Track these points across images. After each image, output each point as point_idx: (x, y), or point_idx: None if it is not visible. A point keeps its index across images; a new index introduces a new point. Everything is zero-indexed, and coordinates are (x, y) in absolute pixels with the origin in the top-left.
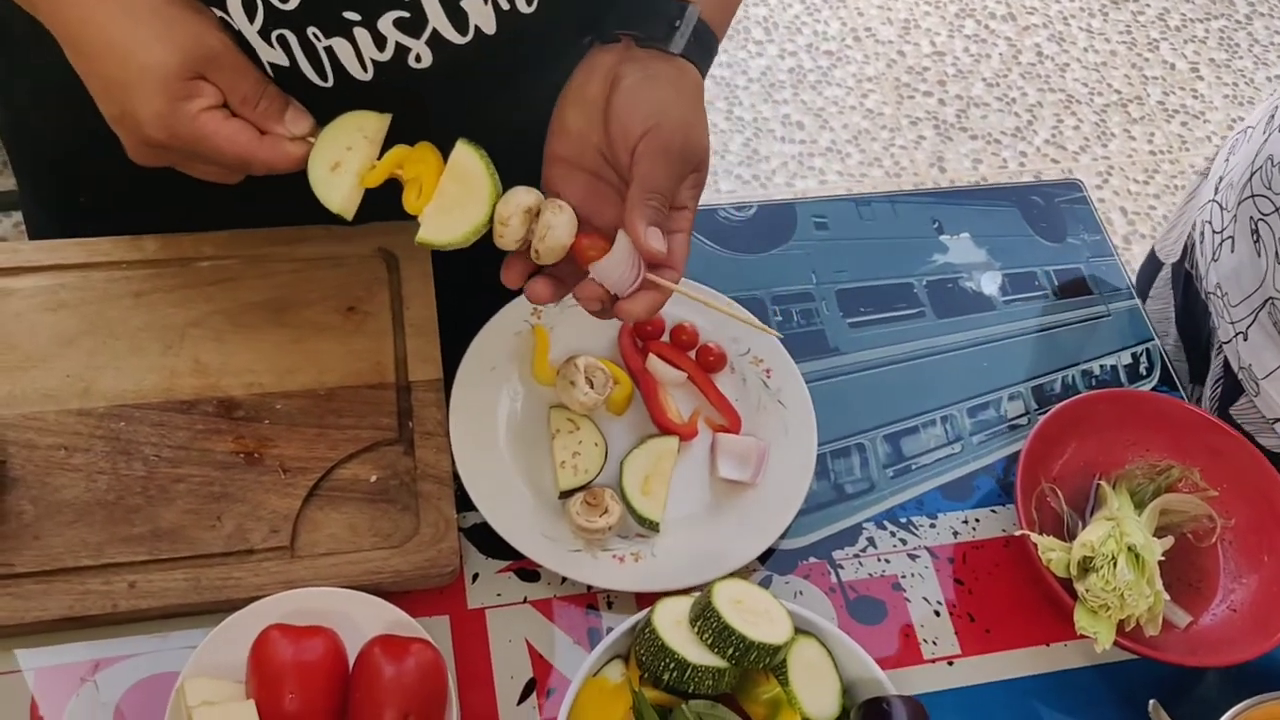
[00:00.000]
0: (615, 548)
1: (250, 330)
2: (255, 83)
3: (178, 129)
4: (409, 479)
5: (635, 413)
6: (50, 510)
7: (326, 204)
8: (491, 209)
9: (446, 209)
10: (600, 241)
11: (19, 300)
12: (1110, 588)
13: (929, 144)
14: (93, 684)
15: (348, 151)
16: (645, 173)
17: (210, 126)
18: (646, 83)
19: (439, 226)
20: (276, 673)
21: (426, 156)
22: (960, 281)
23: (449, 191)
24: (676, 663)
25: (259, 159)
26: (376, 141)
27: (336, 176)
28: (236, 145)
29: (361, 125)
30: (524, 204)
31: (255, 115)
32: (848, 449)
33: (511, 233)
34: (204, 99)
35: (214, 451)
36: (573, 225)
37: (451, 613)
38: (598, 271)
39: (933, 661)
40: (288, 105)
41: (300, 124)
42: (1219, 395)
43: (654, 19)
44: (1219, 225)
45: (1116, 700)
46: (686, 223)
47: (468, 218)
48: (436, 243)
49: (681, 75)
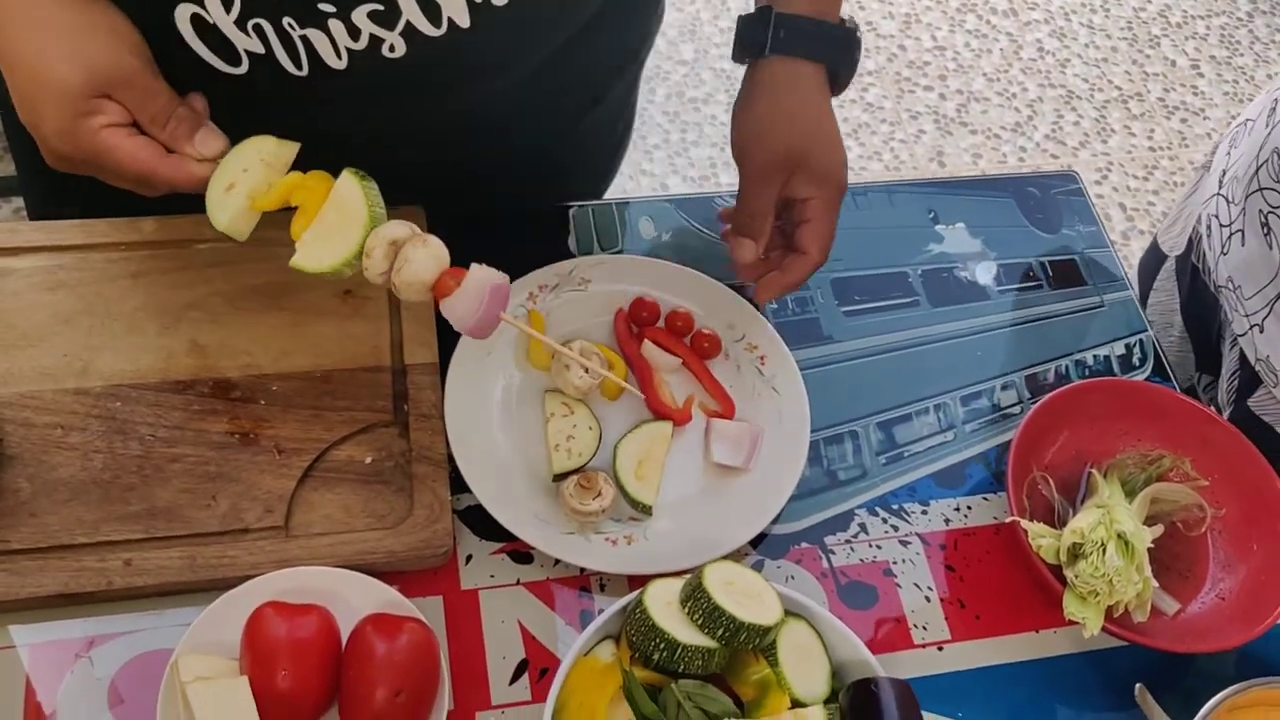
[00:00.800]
0: (608, 531)
1: (247, 313)
2: (165, 104)
3: (80, 143)
4: (404, 461)
5: (629, 397)
6: (46, 488)
7: (214, 223)
8: (363, 241)
9: (323, 237)
10: (458, 280)
11: (18, 280)
12: (1099, 574)
13: (929, 138)
14: (87, 660)
15: (244, 173)
16: (740, 190)
17: (111, 142)
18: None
19: (312, 254)
20: (270, 650)
21: (317, 185)
22: (955, 271)
23: (328, 220)
24: (667, 643)
25: (160, 175)
26: (276, 166)
27: (229, 197)
28: (137, 161)
29: (261, 150)
30: (389, 237)
31: (164, 135)
32: (841, 436)
33: (375, 265)
34: (106, 116)
35: (209, 432)
36: (437, 262)
37: (445, 593)
38: (445, 309)
39: (923, 647)
40: (199, 127)
41: (210, 145)
42: (1236, 388)
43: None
44: (1226, 219)
45: (1104, 686)
46: (812, 211)
47: (339, 248)
48: (308, 269)
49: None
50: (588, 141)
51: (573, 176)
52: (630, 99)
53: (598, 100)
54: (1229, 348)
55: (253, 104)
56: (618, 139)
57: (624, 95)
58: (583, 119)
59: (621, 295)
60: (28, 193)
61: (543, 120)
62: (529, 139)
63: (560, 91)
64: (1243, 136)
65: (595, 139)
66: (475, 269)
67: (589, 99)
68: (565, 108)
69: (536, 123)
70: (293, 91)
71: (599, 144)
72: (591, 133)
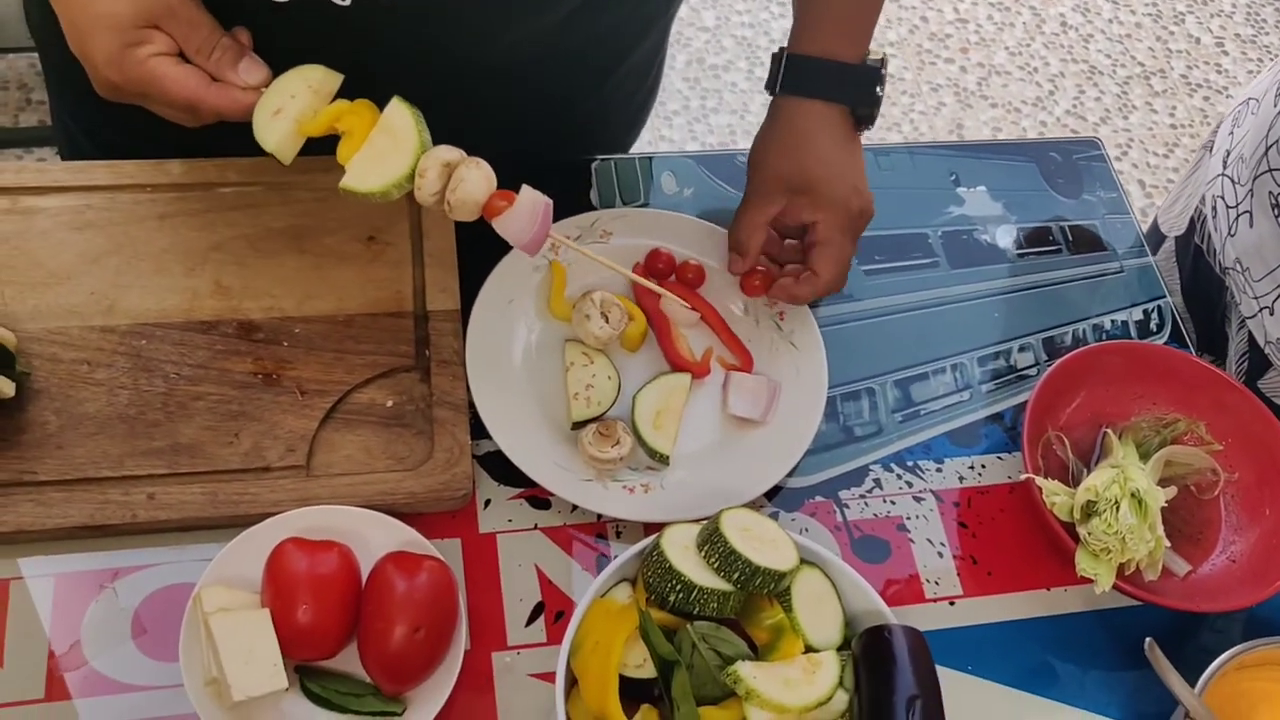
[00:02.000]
0: (625, 479)
1: (271, 255)
2: (209, 34)
3: (128, 72)
4: (424, 405)
5: (649, 349)
6: (72, 422)
7: (262, 144)
8: (415, 162)
9: (372, 160)
10: (510, 200)
11: (46, 219)
12: (1112, 531)
13: (949, 110)
14: (112, 591)
15: (291, 99)
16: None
17: (159, 70)
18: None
19: (362, 175)
20: (291, 584)
21: (363, 111)
22: (975, 234)
23: (377, 144)
24: (683, 585)
25: (207, 103)
26: (322, 94)
27: (276, 120)
28: (185, 89)
29: (309, 77)
30: (443, 158)
31: (209, 64)
32: (858, 392)
33: (428, 185)
34: (155, 45)
35: (233, 371)
36: (489, 181)
37: (463, 536)
38: (499, 226)
39: (934, 601)
40: (242, 57)
41: (254, 74)
42: (1245, 370)
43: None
44: (1232, 200)
45: (1113, 644)
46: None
47: (391, 169)
48: (358, 190)
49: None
50: (616, 96)
51: (598, 131)
52: (658, 57)
53: (628, 53)
54: (1235, 330)
55: (295, 39)
56: (644, 96)
57: (652, 52)
58: (613, 73)
59: (642, 248)
60: (59, 121)
61: (574, 71)
62: (560, 89)
63: (592, 42)
64: (1246, 116)
65: (623, 94)
66: (525, 190)
67: (620, 52)
68: (596, 60)
69: (568, 73)
70: (335, 26)
71: (626, 99)
72: (620, 88)
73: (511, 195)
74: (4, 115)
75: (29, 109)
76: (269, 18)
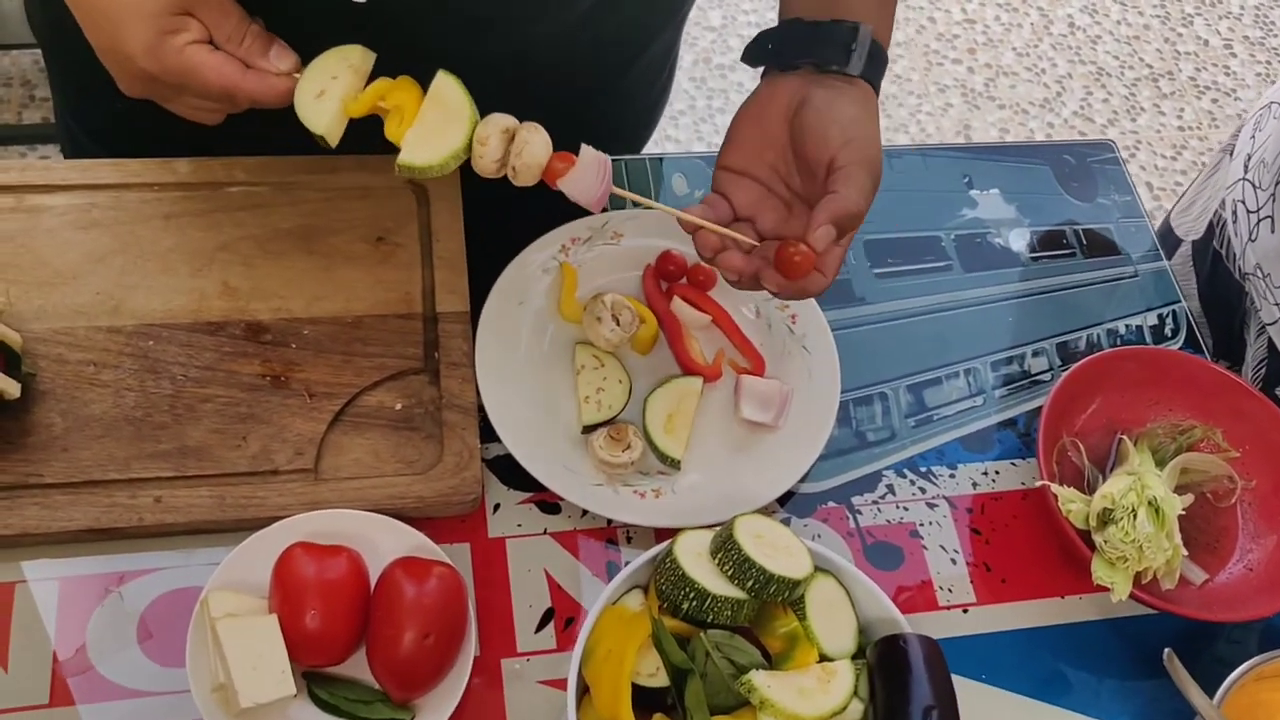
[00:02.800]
0: (636, 484)
1: (279, 256)
2: (239, 21)
3: (166, 61)
4: (434, 408)
5: (660, 352)
6: (79, 424)
7: (311, 128)
8: (471, 133)
9: (427, 135)
10: (569, 161)
11: (52, 217)
12: (1129, 539)
13: (956, 111)
14: (118, 595)
15: (333, 80)
16: (848, 181)
17: (197, 58)
18: (837, 100)
19: (419, 150)
20: (299, 589)
21: (408, 87)
22: (989, 237)
23: (429, 118)
24: (696, 592)
25: (244, 90)
26: (362, 73)
27: (321, 102)
28: (223, 77)
29: (348, 56)
30: (501, 125)
31: (241, 51)
32: (870, 397)
33: (490, 153)
34: (190, 33)
35: (240, 373)
36: (547, 145)
37: (472, 541)
38: (565, 186)
39: (948, 609)
40: (272, 43)
41: (284, 60)
42: (1263, 376)
43: (831, 44)
44: (1254, 204)
45: (1129, 653)
46: (849, 239)
47: (448, 141)
48: (416, 165)
49: (866, 97)
50: (631, 93)
51: (612, 129)
52: (671, 54)
53: (644, 49)
54: (1255, 336)
55: (310, 35)
56: (657, 94)
57: (666, 49)
58: (629, 69)
59: (653, 250)
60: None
61: (591, 67)
62: (576, 85)
63: (610, 37)
64: (1268, 120)
65: (638, 91)
66: (585, 149)
67: (636, 47)
68: (610, 58)
69: (585, 69)
70: (349, 20)
71: (640, 97)
72: (635, 85)
73: (571, 157)
74: (8, 112)
75: (32, 106)
76: (283, 14)
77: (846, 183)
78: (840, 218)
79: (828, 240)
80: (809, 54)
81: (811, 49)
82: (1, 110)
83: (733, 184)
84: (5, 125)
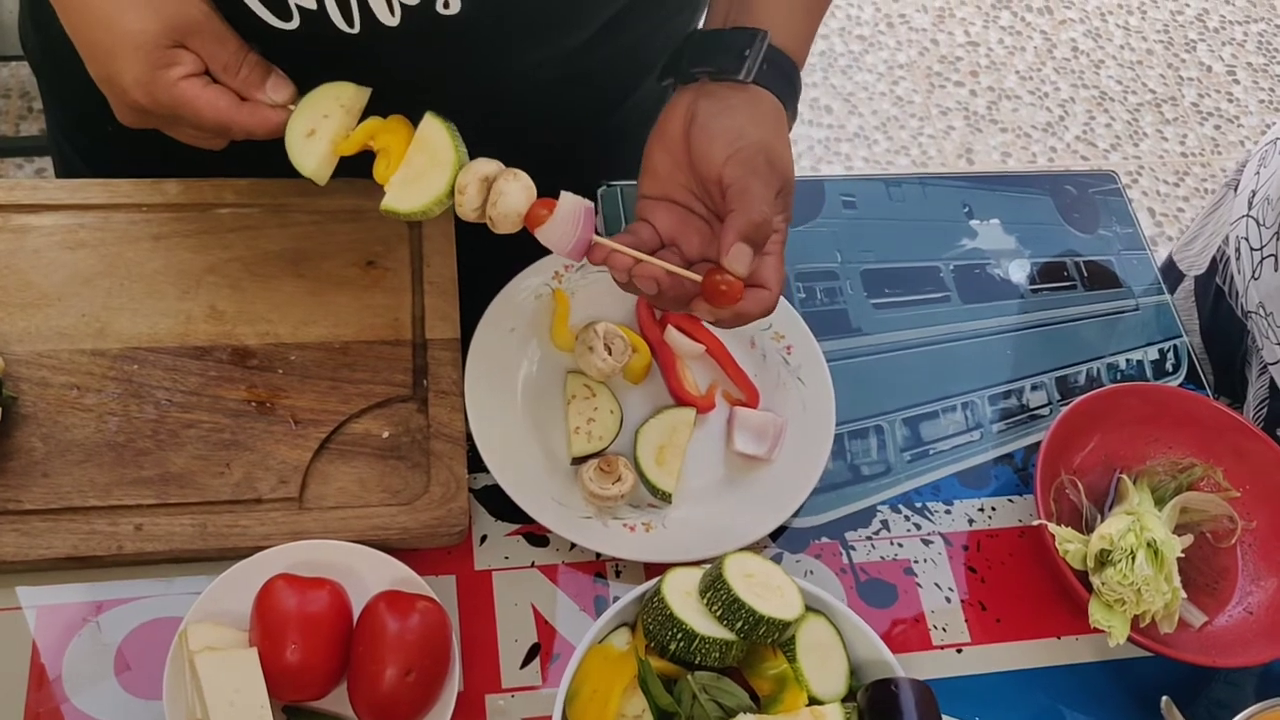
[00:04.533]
0: (626, 517)
1: (267, 279)
2: (236, 51)
3: (158, 95)
4: (421, 437)
5: (652, 383)
6: (60, 449)
7: (300, 168)
8: (453, 179)
9: (412, 179)
10: (551, 208)
11: (38, 237)
12: (1127, 582)
13: (958, 134)
14: (95, 625)
15: (324, 119)
16: (743, 194)
17: (190, 93)
18: (722, 113)
19: (403, 195)
20: (280, 622)
21: (398, 128)
22: (988, 268)
23: (415, 162)
24: (684, 633)
25: (238, 124)
26: (354, 112)
27: (311, 142)
28: (216, 110)
29: (339, 95)
30: (481, 173)
31: (237, 83)
32: (866, 430)
33: (469, 201)
34: (184, 66)
35: (226, 399)
36: (528, 192)
37: (458, 573)
38: (542, 235)
39: (941, 648)
40: (269, 74)
41: (281, 92)
42: (1264, 416)
43: (724, 52)
44: (1257, 242)
45: (1126, 697)
46: (777, 245)
47: (431, 187)
48: (400, 211)
49: (757, 102)
50: (630, 121)
51: (611, 156)
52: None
53: (643, 77)
54: (1256, 374)
55: (302, 63)
56: None
57: None
58: (628, 98)
59: None
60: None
61: (591, 94)
62: (575, 113)
63: (612, 64)
64: (1273, 155)
65: (636, 119)
66: (565, 196)
67: (636, 75)
68: (613, 83)
69: (585, 96)
70: (344, 50)
71: (639, 126)
72: (634, 112)
73: (552, 203)
74: (5, 123)
75: (30, 118)
76: (274, 43)
77: (741, 197)
78: (747, 232)
79: (745, 259)
80: (704, 62)
81: (706, 57)
82: None
83: (653, 210)
84: (2, 137)
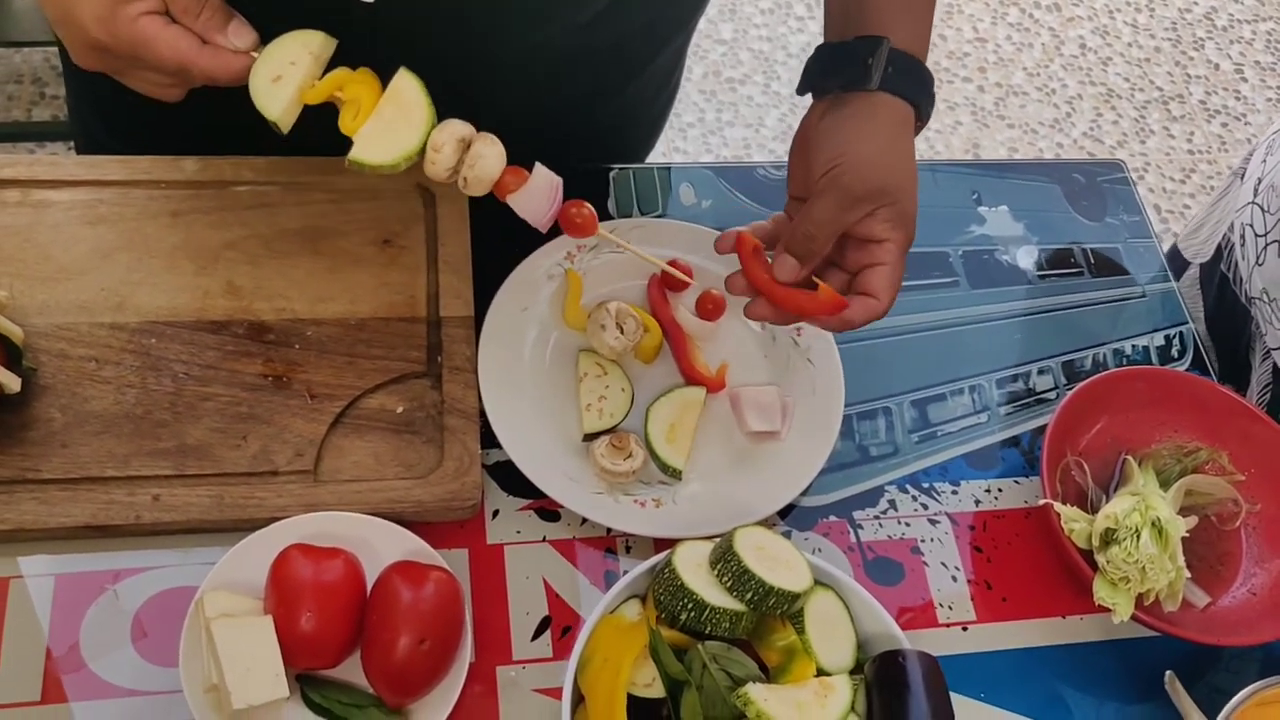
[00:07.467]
0: (637, 493)
1: (284, 256)
2: None
3: (118, 31)
4: (435, 412)
5: (664, 362)
6: (79, 420)
7: (264, 112)
8: (426, 136)
9: (381, 132)
10: (521, 177)
11: (58, 212)
12: (1132, 560)
13: (965, 130)
14: (113, 593)
15: (291, 66)
16: (807, 207)
17: (151, 30)
18: (835, 127)
19: (371, 148)
20: (295, 591)
21: (367, 80)
22: (996, 254)
23: (386, 115)
24: (695, 603)
25: (199, 66)
26: (321, 60)
27: (277, 88)
28: (177, 51)
29: (307, 43)
30: (458, 133)
31: (197, 25)
32: (874, 411)
33: (444, 160)
34: (144, 3)
35: (242, 373)
36: (501, 159)
37: (470, 546)
38: (514, 202)
39: (947, 626)
40: (231, 18)
41: (243, 37)
42: (1268, 401)
43: (852, 64)
44: (1262, 228)
45: (1130, 675)
46: (887, 254)
47: (401, 142)
48: (367, 163)
49: (874, 114)
50: (637, 101)
51: (617, 137)
52: (679, 64)
53: (652, 57)
54: (1260, 360)
55: None
56: (663, 103)
57: (674, 58)
58: (635, 77)
59: (659, 259)
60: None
61: (598, 73)
62: (582, 91)
63: (619, 43)
64: (1279, 144)
65: (643, 100)
66: (539, 168)
67: (644, 55)
68: (614, 68)
69: (592, 75)
70: (354, 20)
71: (646, 106)
72: (641, 93)
73: (523, 172)
74: (17, 109)
75: (42, 103)
76: (285, 13)
77: (808, 206)
78: (789, 244)
79: (788, 270)
80: (835, 76)
81: (835, 71)
82: (11, 107)
83: (795, 210)
84: (15, 122)
